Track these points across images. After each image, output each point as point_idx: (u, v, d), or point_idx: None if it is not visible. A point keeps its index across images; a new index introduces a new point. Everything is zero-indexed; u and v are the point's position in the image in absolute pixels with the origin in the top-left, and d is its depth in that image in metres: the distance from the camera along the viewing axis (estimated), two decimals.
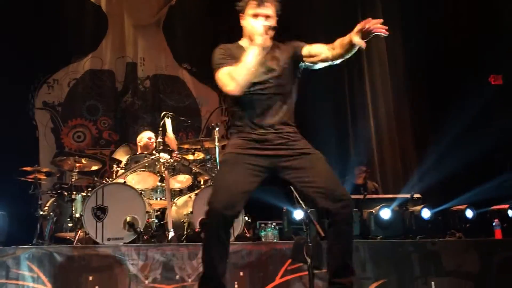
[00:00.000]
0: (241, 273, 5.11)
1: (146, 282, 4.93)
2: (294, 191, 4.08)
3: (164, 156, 6.12)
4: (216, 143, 4.73)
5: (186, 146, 6.56)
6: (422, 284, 5.34)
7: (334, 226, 3.41)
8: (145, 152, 6.51)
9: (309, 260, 4.03)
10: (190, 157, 6.40)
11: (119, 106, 8.59)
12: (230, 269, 4.39)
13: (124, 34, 8.77)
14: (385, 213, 6.32)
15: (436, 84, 8.76)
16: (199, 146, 6.31)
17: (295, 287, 4.87)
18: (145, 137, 6.89)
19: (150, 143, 6.75)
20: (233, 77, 3.43)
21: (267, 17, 3.55)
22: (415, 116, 9.08)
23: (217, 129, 5.06)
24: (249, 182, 3.42)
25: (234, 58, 3.53)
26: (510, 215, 6.65)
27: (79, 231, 5.73)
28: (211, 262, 3.45)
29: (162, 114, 6.46)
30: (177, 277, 5.01)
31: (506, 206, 6.71)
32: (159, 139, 6.23)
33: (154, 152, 6.29)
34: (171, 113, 6.51)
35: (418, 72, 9.01)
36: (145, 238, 5.60)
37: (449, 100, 8.36)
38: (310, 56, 3.60)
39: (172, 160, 6.13)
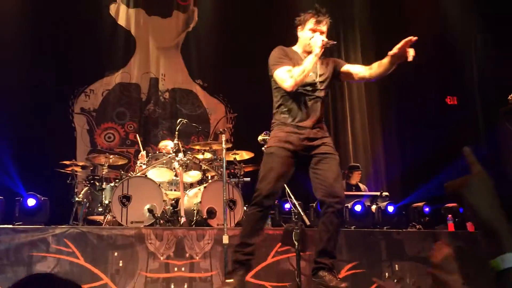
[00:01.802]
0: None
1: (161, 258, 4.92)
2: (286, 187, 4.07)
3: (179, 155, 6.12)
4: (223, 146, 4.69)
5: (197, 147, 6.54)
6: (387, 266, 5.34)
7: (326, 216, 3.42)
8: (163, 151, 6.51)
9: (296, 244, 4.01)
10: (200, 156, 6.39)
11: (143, 113, 8.57)
12: (230, 250, 4.37)
13: (148, 54, 8.76)
14: (358, 208, 6.32)
15: (403, 103, 8.79)
16: (208, 148, 6.30)
17: (284, 266, 4.86)
18: (162, 147, 6.92)
19: (166, 150, 6.71)
20: (292, 75, 3.39)
21: (321, 32, 3.53)
22: (385, 129, 9.10)
23: (223, 133, 5.04)
24: (287, 175, 3.50)
25: (290, 60, 3.52)
26: (461, 212, 6.66)
27: (108, 215, 5.71)
28: (249, 233, 3.49)
29: (178, 121, 6.48)
30: (187, 255, 5.00)
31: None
32: (175, 141, 6.24)
33: (171, 152, 6.29)
34: (185, 120, 6.52)
35: (389, 93, 9.03)
36: (162, 222, 5.58)
37: (413, 115, 8.39)
38: (348, 73, 3.61)
39: (185, 159, 6.12)
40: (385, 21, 8.75)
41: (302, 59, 3.50)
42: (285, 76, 3.42)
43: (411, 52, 3.26)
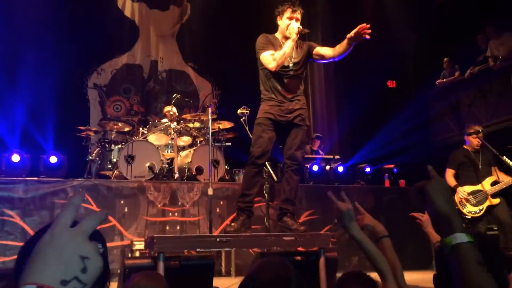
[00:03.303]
0: (221, 202, 5.14)
1: (159, 206, 4.94)
2: None
3: (174, 123, 6.06)
4: (209, 117, 4.65)
5: (188, 118, 6.49)
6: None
7: (287, 173, 3.50)
8: (168, 114, 6.37)
9: (266, 195, 4.06)
10: (191, 125, 6.35)
11: (144, 89, 8.43)
12: (214, 200, 4.40)
13: (150, 40, 8.57)
14: (315, 168, 6.40)
15: (353, 85, 8.80)
16: (197, 118, 6.25)
17: (257, 212, 4.88)
18: (165, 111, 6.70)
19: (168, 114, 6.56)
20: (274, 58, 3.37)
21: (297, 20, 3.48)
22: (338, 106, 9.14)
23: (210, 107, 4.98)
24: (271, 139, 3.48)
25: (272, 45, 3.48)
26: (395, 172, 6.80)
27: (115, 171, 5.67)
28: (247, 186, 3.49)
29: (173, 96, 6.38)
30: (179, 203, 5.03)
31: (392, 165, 6.85)
32: (171, 112, 6.17)
33: (168, 120, 6.22)
34: (179, 95, 6.43)
35: (343, 77, 9.04)
36: (159, 177, 5.58)
37: (362, 96, 8.39)
38: (319, 55, 3.56)
39: (178, 126, 6.07)
40: (341, 19, 8.67)
41: (282, 44, 3.47)
42: (269, 59, 3.40)
43: (367, 32, 3.20)
